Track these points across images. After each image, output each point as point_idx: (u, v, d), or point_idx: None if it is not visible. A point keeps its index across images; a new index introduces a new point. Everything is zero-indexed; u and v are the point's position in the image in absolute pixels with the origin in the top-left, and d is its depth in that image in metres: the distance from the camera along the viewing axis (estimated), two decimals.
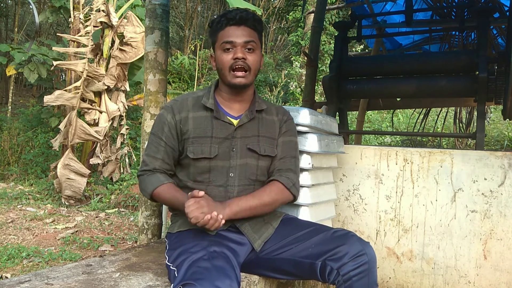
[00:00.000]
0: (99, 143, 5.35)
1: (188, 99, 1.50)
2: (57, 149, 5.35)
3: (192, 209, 1.25)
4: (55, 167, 4.96)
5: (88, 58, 5.10)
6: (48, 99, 4.83)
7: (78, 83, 5.10)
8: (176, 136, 1.46)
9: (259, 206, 1.42)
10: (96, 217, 4.38)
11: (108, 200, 5.12)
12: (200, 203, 1.27)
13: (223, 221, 1.28)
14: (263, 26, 1.50)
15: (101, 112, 5.33)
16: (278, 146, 1.52)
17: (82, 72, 5.03)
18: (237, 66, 1.40)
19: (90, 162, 5.44)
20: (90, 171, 5.19)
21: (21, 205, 4.64)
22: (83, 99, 5.13)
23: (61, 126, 4.96)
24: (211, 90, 1.51)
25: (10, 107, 9.73)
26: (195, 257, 1.20)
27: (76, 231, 3.78)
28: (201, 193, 1.29)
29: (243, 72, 1.41)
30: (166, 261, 1.32)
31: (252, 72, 1.43)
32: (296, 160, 1.55)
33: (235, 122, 1.48)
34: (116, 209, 4.83)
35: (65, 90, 5.08)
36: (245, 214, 1.40)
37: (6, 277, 2.64)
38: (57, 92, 4.90)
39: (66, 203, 4.92)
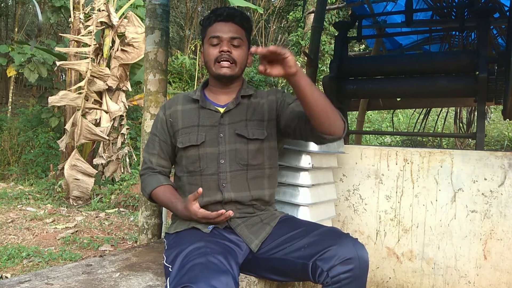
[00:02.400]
0: (102, 143, 5.35)
1: (179, 96, 1.60)
2: (64, 150, 5.34)
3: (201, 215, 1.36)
4: (62, 168, 4.95)
5: (90, 58, 5.10)
6: (52, 99, 4.81)
7: (82, 83, 5.09)
8: (167, 130, 1.54)
9: (321, 98, 1.27)
10: (96, 217, 4.37)
11: (108, 200, 5.12)
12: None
13: (231, 213, 1.36)
14: (251, 25, 1.53)
15: (107, 112, 5.33)
16: (292, 111, 1.44)
17: (86, 72, 5.02)
18: (222, 59, 1.44)
19: (94, 162, 5.44)
20: (96, 171, 5.20)
21: (21, 205, 4.64)
22: (85, 99, 5.13)
23: (67, 127, 4.95)
24: (200, 86, 1.59)
25: (10, 107, 9.74)
26: (191, 256, 1.20)
27: (76, 231, 3.78)
28: (200, 189, 1.34)
29: (228, 63, 1.44)
30: (164, 261, 1.32)
31: (238, 65, 1.46)
32: None
33: (221, 110, 1.51)
34: (116, 209, 4.83)
35: (70, 90, 5.07)
36: (310, 92, 1.25)
37: (6, 277, 2.64)
38: (61, 93, 4.90)
39: (75, 204, 4.92)
